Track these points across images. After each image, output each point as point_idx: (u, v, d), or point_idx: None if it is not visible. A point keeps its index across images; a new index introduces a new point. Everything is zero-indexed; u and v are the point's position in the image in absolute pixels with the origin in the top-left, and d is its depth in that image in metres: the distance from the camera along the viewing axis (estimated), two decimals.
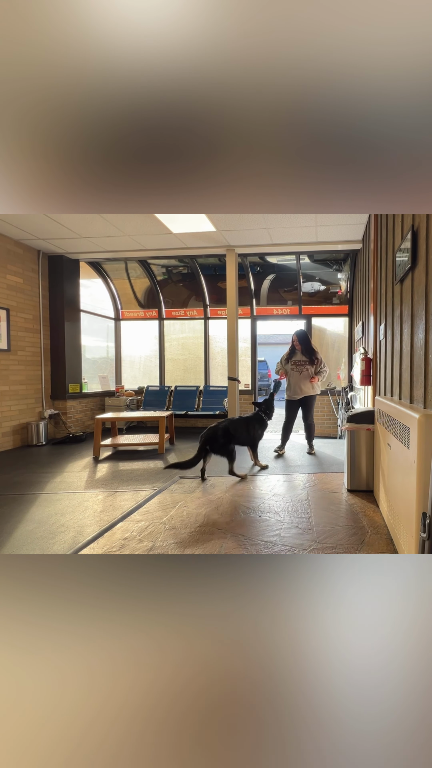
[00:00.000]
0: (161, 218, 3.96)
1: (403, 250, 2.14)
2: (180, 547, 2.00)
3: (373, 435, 2.80)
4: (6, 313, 4.43)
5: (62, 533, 2.19)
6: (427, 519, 1.12)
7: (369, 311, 3.53)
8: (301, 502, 2.66)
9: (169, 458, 4.01)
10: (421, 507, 1.51)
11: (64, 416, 5.17)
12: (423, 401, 1.75)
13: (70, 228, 4.25)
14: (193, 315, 6.30)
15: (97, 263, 5.90)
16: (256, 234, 4.45)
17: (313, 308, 5.93)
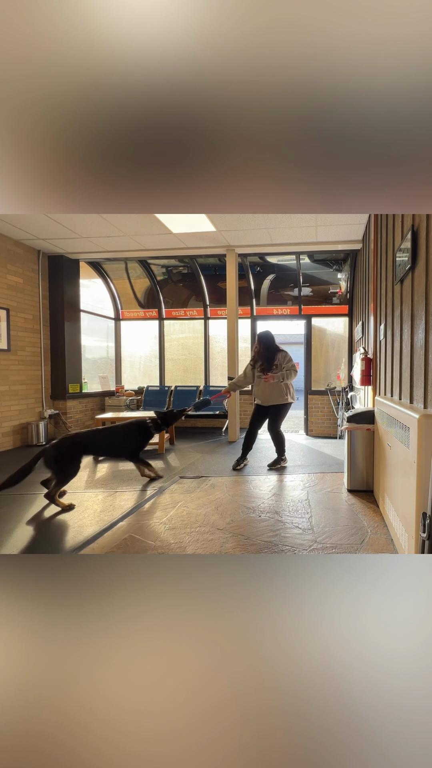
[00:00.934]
0: (161, 218, 3.96)
1: (403, 250, 2.14)
2: (180, 547, 2.00)
3: (373, 435, 2.79)
4: (6, 313, 4.43)
5: (62, 533, 2.19)
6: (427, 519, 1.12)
7: (369, 311, 3.53)
8: (301, 502, 2.66)
9: (169, 458, 4.00)
10: (421, 507, 1.51)
11: (64, 416, 5.16)
12: (423, 401, 1.75)
13: (70, 228, 4.25)
14: (193, 315, 6.29)
15: (97, 263, 5.90)
16: (256, 234, 4.45)
17: (313, 308, 5.92)
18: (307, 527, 2.25)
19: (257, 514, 2.44)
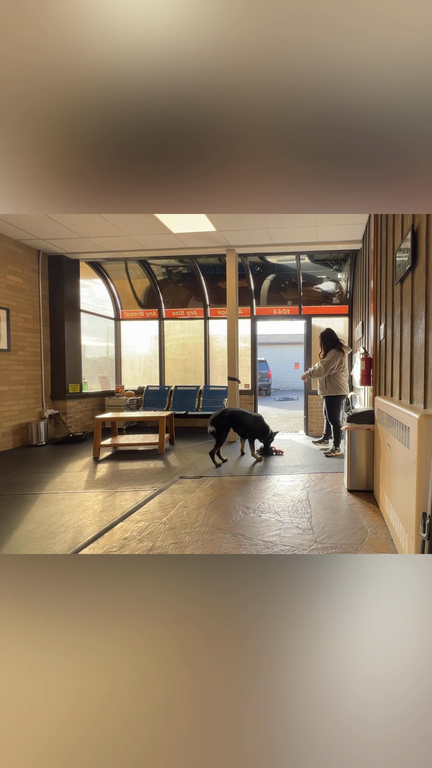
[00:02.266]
0: (161, 218, 3.96)
1: (403, 250, 2.14)
2: (180, 547, 2.00)
3: (373, 435, 2.79)
4: (6, 313, 4.43)
5: (62, 533, 2.19)
6: (427, 519, 1.12)
7: (369, 311, 3.53)
8: (301, 502, 2.66)
9: (169, 458, 4.01)
10: (421, 507, 1.51)
11: (64, 416, 5.16)
12: (423, 401, 1.75)
13: (70, 228, 4.25)
14: (193, 315, 6.30)
15: (97, 263, 5.90)
16: (256, 234, 4.45)
17: (313, 308, 5.93)
18: (307, 527, 2.25)
19: (257, 514, 2.44)
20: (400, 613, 0.55)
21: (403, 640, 0.53)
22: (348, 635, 0.54)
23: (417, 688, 0.48)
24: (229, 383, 5.12)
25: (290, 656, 0.52)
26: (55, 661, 0.52)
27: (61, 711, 0.47)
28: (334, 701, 0.47)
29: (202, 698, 0.48)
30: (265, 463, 3.77)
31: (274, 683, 0.49)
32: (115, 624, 0.55)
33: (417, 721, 0.45)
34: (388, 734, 0.44)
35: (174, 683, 0.50)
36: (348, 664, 0.51)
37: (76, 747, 0.44)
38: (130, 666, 0.51)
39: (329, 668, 0.51)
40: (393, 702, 0.47)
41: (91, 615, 0.56)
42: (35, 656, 0.52)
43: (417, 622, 0.55)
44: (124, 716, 0.46)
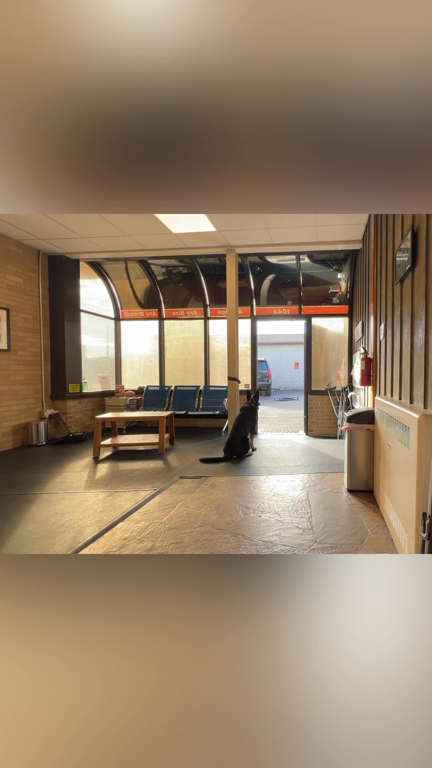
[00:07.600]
0: (161, 218, 3.96)
1: (403, 250, 2.14)
2: (180, 547, 2.00)
3: (373, 435, 2.79)
4: (6, 313, 4.43)
5: (62, 533, 2.19)
6: (427, 519, 1.12)
7: (369, 311, 3.53)
8: (301, 502, 2.66)
9: (169, 458, 4.00)
10: (421, 507, 1.51)
11: (64, 416, 5.16)
12: (423, 401, 1.76)
13: (70, 228, 4.25)
14: (193, 315, 6.29)
15: (97, 263, 5.90)
16: (256, 234, 4.45)
17: (313, 308, 5.92)
18: (307, 527, 2.25)
19: (257, 514, 2.44)
20: (400, 613, 0.55)
21: (403, 640, 0.53)
22: (348, 635, 0.54)
23: (419, 688, 0.48)
24: (229, 383, 5.11)
25: (290, 656, 0.52)
26: (56, 662, 0.52)
27: (61, 711, 0.47)
28: (335, 701, 0.47)
29: (203, 697, 0.48)
30: (265, 463, 3.76)
31: (275, 683, 0.49)
32: (115, 624, 0.55)
33: (419, 718, 0.45)
34: (389, 733, 0.44)
35: (175, 682, 0.49)
36: (348, 663, 0.51)
37: (77, 747, 0.44)
38: (131, 666, 0.51)
39: (329, 668, 0.51)
40: (395, 703, 0.47)
41: (91, 615, 0.56)
42: (35, 656, 0.52)
43: (417, 621, 0.55)
44: (125, 716, 0.46)
